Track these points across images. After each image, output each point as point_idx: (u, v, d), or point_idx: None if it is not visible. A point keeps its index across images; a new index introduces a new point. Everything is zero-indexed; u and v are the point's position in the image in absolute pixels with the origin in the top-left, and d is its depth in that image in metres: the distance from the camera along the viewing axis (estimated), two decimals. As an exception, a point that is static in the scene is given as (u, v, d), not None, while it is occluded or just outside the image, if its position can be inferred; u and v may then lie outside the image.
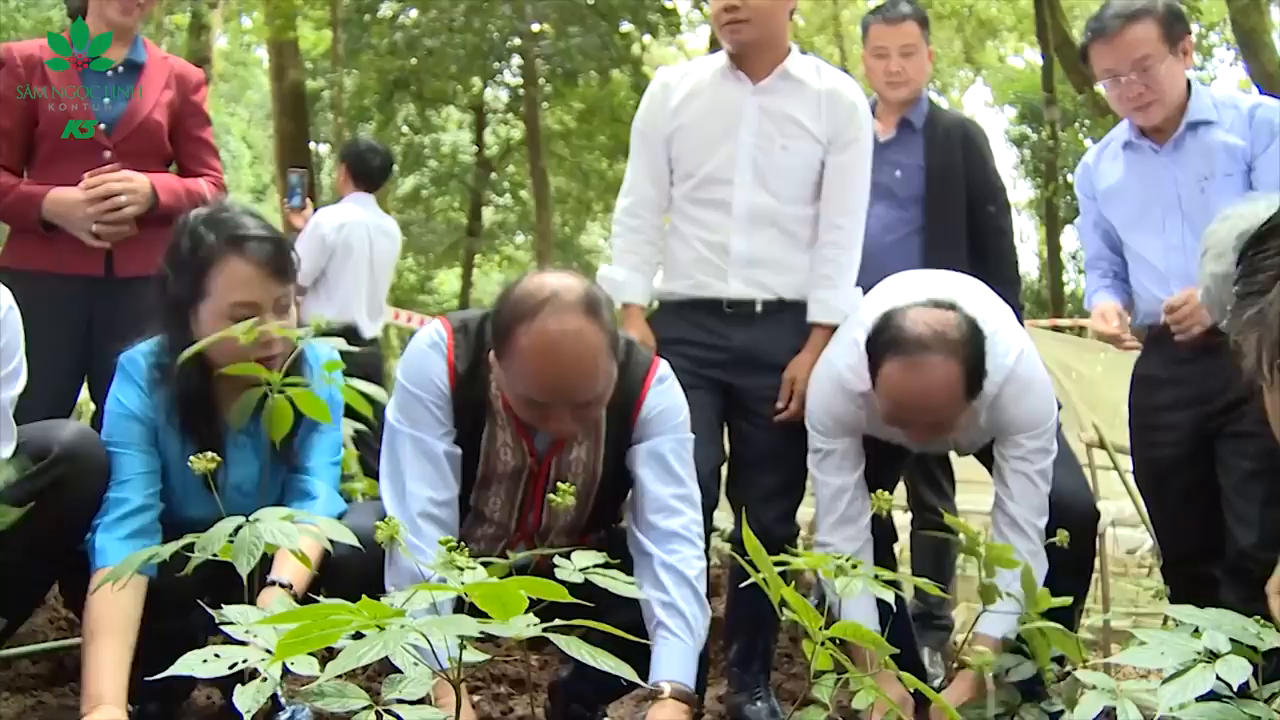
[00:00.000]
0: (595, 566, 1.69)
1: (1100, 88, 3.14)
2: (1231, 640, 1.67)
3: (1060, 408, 2.87)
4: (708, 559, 2.48)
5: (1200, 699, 1.61)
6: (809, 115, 2.92)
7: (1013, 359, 2.62)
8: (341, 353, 2.56)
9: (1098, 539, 3.00)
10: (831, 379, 2.73)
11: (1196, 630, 1.70)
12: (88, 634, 2.08)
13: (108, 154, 3.10)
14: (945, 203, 3.59)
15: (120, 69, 3.18)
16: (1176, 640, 1.69)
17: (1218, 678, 1.61)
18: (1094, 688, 1.95)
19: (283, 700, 2.27)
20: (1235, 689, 1.60)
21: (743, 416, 2.92)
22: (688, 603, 2.19)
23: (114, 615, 2.09)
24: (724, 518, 3.85)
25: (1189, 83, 3.01)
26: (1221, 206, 2.85)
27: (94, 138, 3.08)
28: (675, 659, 2.09)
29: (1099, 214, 3.20)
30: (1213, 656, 1.64)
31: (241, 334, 2.15)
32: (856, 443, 2.74)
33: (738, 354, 2.89)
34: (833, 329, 2.86)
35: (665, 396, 2.37)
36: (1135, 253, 3.09)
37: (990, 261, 3.62)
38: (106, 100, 3.13)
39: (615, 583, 1.69)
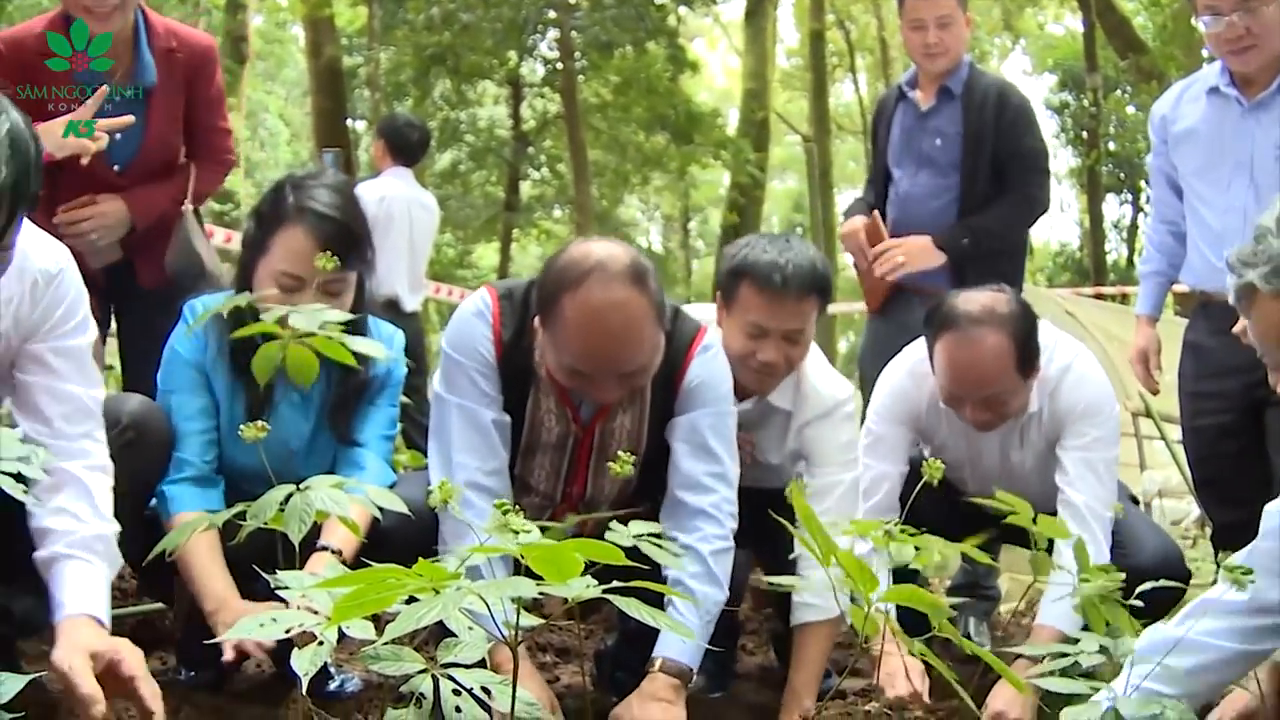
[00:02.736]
0: (647, 535, 1.69)
1: (1199, 24, 3.00)
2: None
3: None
4: None
5: None
6: (776, 441, 2.72)
7: (1070, 358, 2.73)
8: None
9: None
10: (903, 364, 2.83)
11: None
12: (185, 558, 2.15)
13: (120, 183, 3.00)
14: (975, 166, 3.61)
15: (129, 94, 2.96)
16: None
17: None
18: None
19: (332, 669, 2.30)
20: None
21: None
22: (697, 580, 2.20)
23: (205, 539, 2.14)
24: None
25: None
26: None
27: (105, 176, 2.96)
28: (674, 635, 2.09)
29: (1167, 159, 3.12)
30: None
31: (272, 302, 2.15)
32: (906, 436, 2.80)
33: None
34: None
35: (709, 366, 2.36)
36: (1193, 206, 3.03)
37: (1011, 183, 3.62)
38: (118, 135, 2.92)
39: (662, 553, 1.69)
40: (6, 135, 1.54)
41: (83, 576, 1.85)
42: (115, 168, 3.00)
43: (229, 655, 2.02)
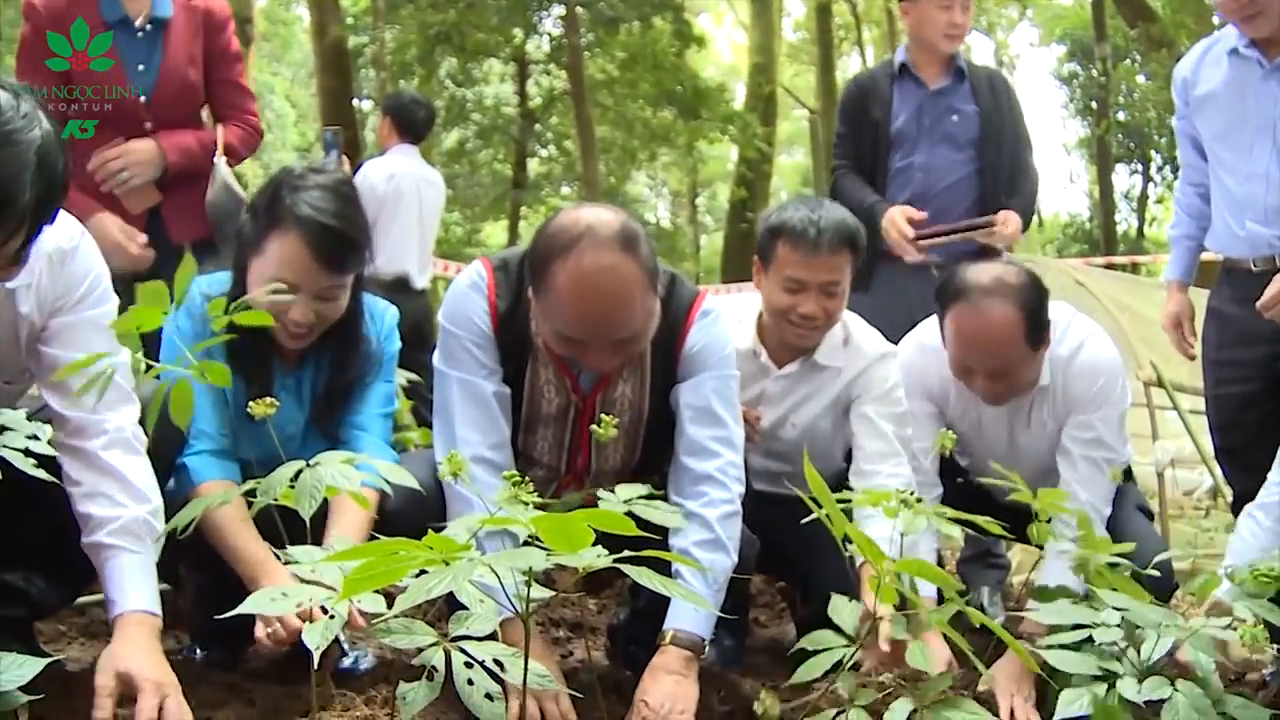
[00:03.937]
0: (639, 499, 1.68)
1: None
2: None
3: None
4: None
5: None
6: (820, 401, 2.81)
7: (1082, 338, 2.74)
8: (393, 302, 2.57)
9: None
10: (911, 341, 2.88)
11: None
12: (215, 526, 2.12)
13: (149, 125, 3.09)
14: (998, 144, 3.73)
15: (149, 27, 3.11)
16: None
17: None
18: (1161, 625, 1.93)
19: (345, 645, 2.30)
20: None
21: None
22: (704, 549, 2.19)
23: (232, 506, 2.11)
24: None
25: None
26: None
27: (134, 111, 3.07)
28: (684, 607, 2.10)
29: (1190, 122, 3.09)
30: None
31: (264, 297, 2.15)
32: (926, 409, 2.83)
33: None
34: None
35: (709, 332, 2.33)
36: (1216, 172, 2.99)
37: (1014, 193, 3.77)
38: (140, 66, 3.08)
39: (658, 513, 1.68)
40: (36, 154, 1.50)
41: (131, 569, 1.87)
42: (142, 99, 3.09)
43: (261, 633, 1.97)
